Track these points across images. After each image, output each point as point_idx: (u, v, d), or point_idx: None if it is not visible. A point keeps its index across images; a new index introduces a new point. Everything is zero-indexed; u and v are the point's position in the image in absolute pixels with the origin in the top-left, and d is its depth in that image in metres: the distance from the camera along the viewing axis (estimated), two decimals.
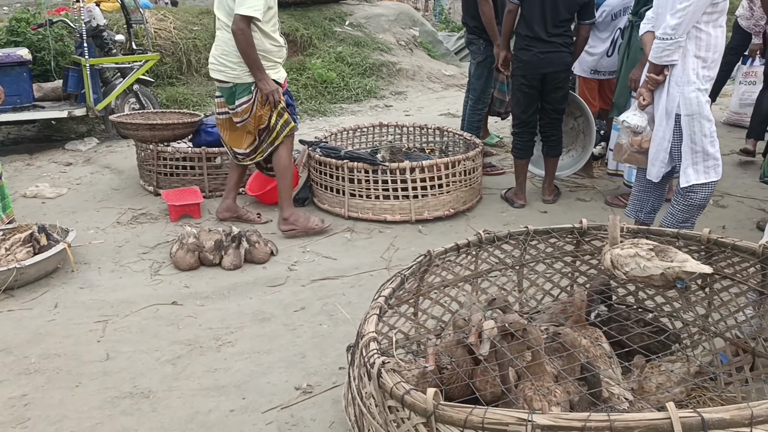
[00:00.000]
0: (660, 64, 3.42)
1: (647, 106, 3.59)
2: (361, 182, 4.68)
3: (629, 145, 3.70)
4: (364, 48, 10.05)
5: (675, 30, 3.29)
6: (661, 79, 3.47)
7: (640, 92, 3.59)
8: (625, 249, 2.51)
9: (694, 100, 3.39)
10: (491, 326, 2.07)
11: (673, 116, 3.46)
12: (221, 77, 4.24)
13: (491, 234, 2.85)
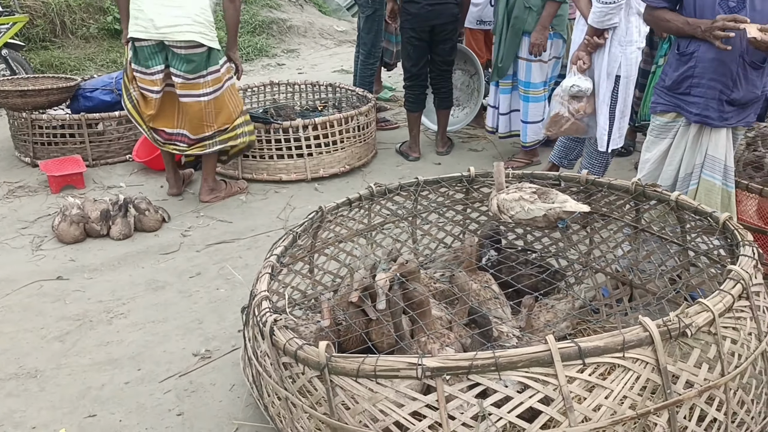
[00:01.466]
0: (602, 28, 3.40)
1: (587, 69, 3.55)
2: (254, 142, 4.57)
3: (571, 113, 3.60)
4: (252, 5, 9.74)
5: None
6: (602, 42, 3.45)
7: (579, 55, 3.53)
8: (510, 194, 2.58)
9: (633, 60, 3.45)
10: (383, 279, 2.09)
11: (613, 78, 3.48)
12: (198, 39, 3.78)
13: (382, 187, 2.86)
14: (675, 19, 2.62)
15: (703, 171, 2.73)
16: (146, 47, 3.83)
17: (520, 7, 4.24)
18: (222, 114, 4.04)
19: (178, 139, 4.08)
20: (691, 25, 2.55)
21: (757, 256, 1.98)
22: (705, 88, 2.60)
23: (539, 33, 4.24)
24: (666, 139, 2.81)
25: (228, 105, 4.07)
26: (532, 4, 4.21)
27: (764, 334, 1.87)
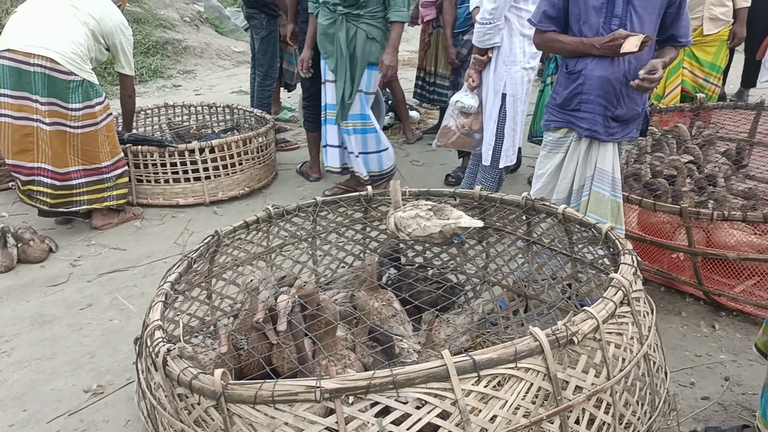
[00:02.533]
0: (483, 47, 3.51)
1: (477, 87, 3.65)
2: (149, 166, 4.44)
3: (459, 127, 3.70)
4: (145, 25, 9.47)
5: (492, 14, 3.38)
6: (486, 59, 3.55)
7: (469, 74, 3.63)
8: (407, 211, 2.62)
9: (519, 80, 3.56)
10: (284, 301, 2.06)
11: (500, 95, 3.58)
12: (72, 68, 3.78)
13: (280, 209, 2.84)
14: (569, 41, 2.78)
15: (594, 183, 2.89)
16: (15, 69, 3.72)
17: (362, 40, 4.19)
18: (89, 153, 3.96)
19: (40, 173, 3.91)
20: (586, 44, 2.71)
21: (636, 264, 2.10)
22: (593, 104, 2.77)
23: (392, 55, 4.22)
24: (559, 153, 2.96)
25: (99, 146, 3.98)
26: (375, 36, 4.19)
27: (645, 337, 1.97)
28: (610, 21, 2.68)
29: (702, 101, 4.33)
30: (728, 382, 2.62)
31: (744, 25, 4.75)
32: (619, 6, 2.65)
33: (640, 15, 2.66)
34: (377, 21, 4.18)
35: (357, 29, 4.17)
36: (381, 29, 4.21)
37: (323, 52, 4.35)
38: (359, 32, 4.17)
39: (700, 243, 3.07)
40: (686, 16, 2.79)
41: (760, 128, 4.24)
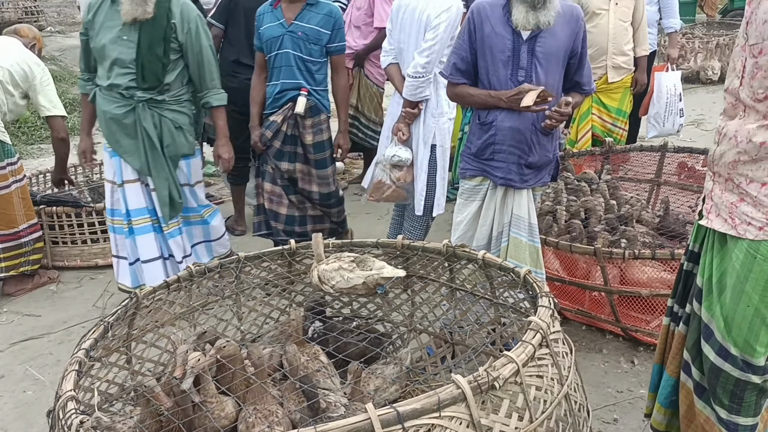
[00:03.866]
0: (415, 100, 3.58)
1: (407, 140, 3.68)
2: (64, 227, 4.30)
3: (394, 180, 3.70)
4: (62, 82, 9.28)
5: (425, 68, 3.44)
6: (417, 112, 3.62)
7: (399, 127, 3.67)
8: (330, 264, 2.63)
9: (446, 130, 3.65)
10: (196, 358, 2.02)
11: (429, 146, 3.65)
12: None
13: (202, 266, 2.79)
14: (478, 93, 2.89)
15: (511, 229, 2.99)
16: None
17: (169, 130, 3.58)
18: (6, 217, 3.81)
19: None
20: (494, 97, 2.83)
21: (554, 306, 2.16)
22: (506, 153, 2.88)
23: (226, 146, 3.87)
24: (476, 201, 3.05)
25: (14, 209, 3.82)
26: (182, 124, 3.63)
27: (565, 377, 2.02)
28: (516, 73, 2.81)
29: (611, 145, 4.56)
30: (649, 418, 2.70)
31: (644, 72, 5.05)
32: (524, 58, 2.79)
33: (545, 66, 2.81)
34: (182, 106, 3.62)
35: (161, 118, 3.53)
36: (188, 115, 3.67)
37: (117, 148, 3.55)
38: (164, 121, 3.54)
39: (615, 281, 3.20)
40: (587, 66, 2.95)
41: (665, 169, 4.50)
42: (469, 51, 2.91)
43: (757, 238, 1.87)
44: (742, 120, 1.92)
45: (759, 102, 1.83)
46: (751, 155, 1.86)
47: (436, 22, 3.41)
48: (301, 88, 3.75)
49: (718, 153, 1.98)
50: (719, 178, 2.00)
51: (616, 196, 3.99)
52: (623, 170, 4.57)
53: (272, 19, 3.78)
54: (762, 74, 1.80)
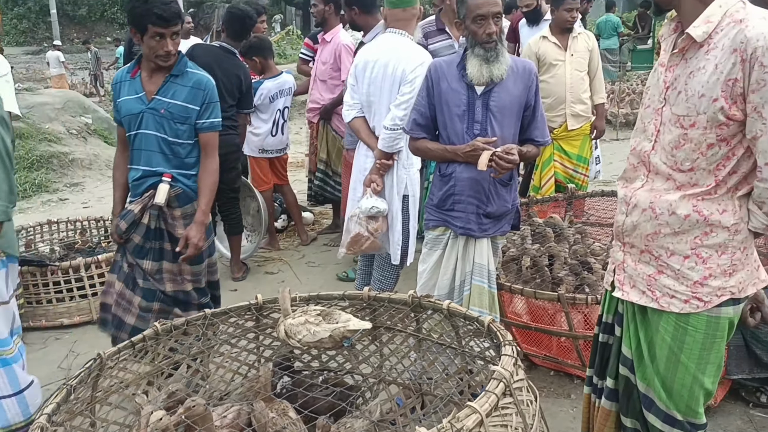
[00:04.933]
0: (391, 152, 3.64)
1: (381, 191, 3.73)
2: (29, 288, 4.24)
3: (371, 232, 3.71)
4: (29, 140, 9.25)
5: (403, 120, 3.49)
6: (392, 163, 3.68)
7: (373, 178, 3.71)
8: (296, 318, 2.63)
9: (416, 180, 3.73)
10: (158, 418, 2.00)
11: (401, 196, 3.72)
12: None
13: (167, 324, 2.78)
14: (437, 147, 3.00)
15: (473, 277, 3.04)
16: None
17: None
18: None
19: None
20: (450, 152, 2.93)
21: (517, 354, 2.19)
22: (465, 204, 2.96)
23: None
24: (438, 250, 3.12)
25: None
26: None
27: (530, 426, 2.04)
28: (472, 126, 2.91)
29: (573, 191, 4.67)
30: None
31: (603, 119, 5.21)
32: (479, 112, 2.89)
33: (499, 119, 2.91)
34: None
35: None
36: None
37: None
38: None
39: (580, 326, 3.24)
40: (542, 118, 3.06)
41: None
42: (427, 107, 3.02)
43: (683, 311, 1.87)
44: (650, 187, 1.90)
45: (681, 172, 1.82)
46: (674, 228, 1.84)
47: (411, 76, 3.52)
48: (164, 174, 3.19)
49: (629, 224, 1.94)
50: (632, 249, 1.96)
51: (584, 243, 4.07)
52: (586, 215, 4.67)
53: (130, 90, 3.21)
54: (691, 147, 1.79)
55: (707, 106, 1.73)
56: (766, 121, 1.68)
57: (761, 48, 1.64)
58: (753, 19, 1.69)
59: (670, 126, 1.84)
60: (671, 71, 1.85)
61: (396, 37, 3.61)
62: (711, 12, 1.74)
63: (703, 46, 1.76)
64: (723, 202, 1.82)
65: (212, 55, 4.65)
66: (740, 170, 1.80)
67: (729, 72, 1.69)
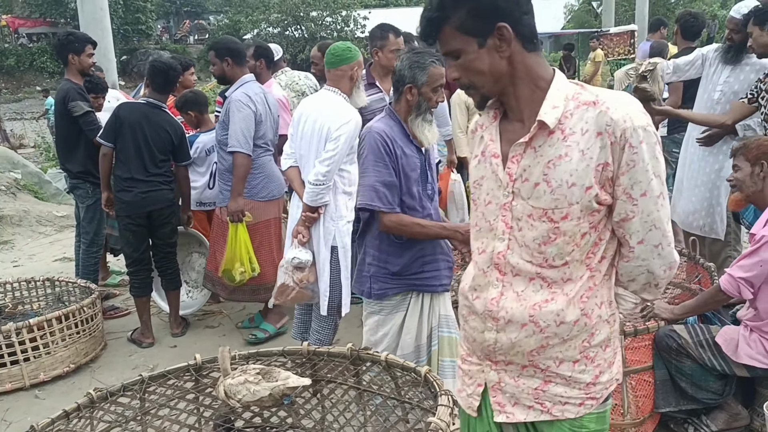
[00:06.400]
0: (316, 206, 3.70)
1: (307, 242, 3.77)
2: None
3: (296, 282, 3.74)
4: None
5: (326, 176, 3.60)
6: (317, 216, 3.74)
7: (299, 230, 3.76)
8: (236, 377, 2.64)
9: (345, 232, 3.77)
10: None
11: (329, 248, 3.76)
12: None
13: (103, 390, 2.74)
14: (431, 225, 2.89)
15: (440, 329, 3.06)
16: None
17: None
18: None
19: None
20: (449, 230, 2.88)
21: (453, 403, 2.26)
22: (437, 262, 2.99)
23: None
24: (399, 312, 3.03)
25: None
26: None
27: None
28: (425, 188, 2.97)
29: None
30: None
31: None
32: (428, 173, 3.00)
33: (436, 174, 3.01)
34: None
35: None
36: None
37: None
38: None
39: None
40: None
41: None
42: (394, 176, 2.86)
43: (579, 414, 1.73)
44: (513, 294, 1.69)
45: (553, 268, 1.66)
46: (562, 337, 1.68)
47: (336, 134, 3.60)
48: None
49: (505, 342, 1.70)
50: (510, 367, 1.73)
51: None
52: None
53: None
54: (565, 240, 1.63)
55: (580, 196, 1.59)
56: (637, 202, 1.60)
57: (629, 129, 1.56)
58: (610, 101, 1.60)
59: (531, 221, 1.64)
60: (515, 162, 1.66)
61: (329, 94, 3.72)
62: (553, 97, 1.62)
63: (554, 133, 1.61)
64: (600, 293, 1.70)
65: (139, 113, 4.66)
66: (608, 255, 1.71)
67: (598, 157, 1.58)
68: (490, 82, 1.64)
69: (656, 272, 1.69)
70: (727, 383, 3.14)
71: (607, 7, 20.01)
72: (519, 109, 1.67)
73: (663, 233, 1.65)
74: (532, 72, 1.64)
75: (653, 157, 1.59)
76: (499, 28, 1.57)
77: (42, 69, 33.49)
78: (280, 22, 27.57)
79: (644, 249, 1.66)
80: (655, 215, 1.63)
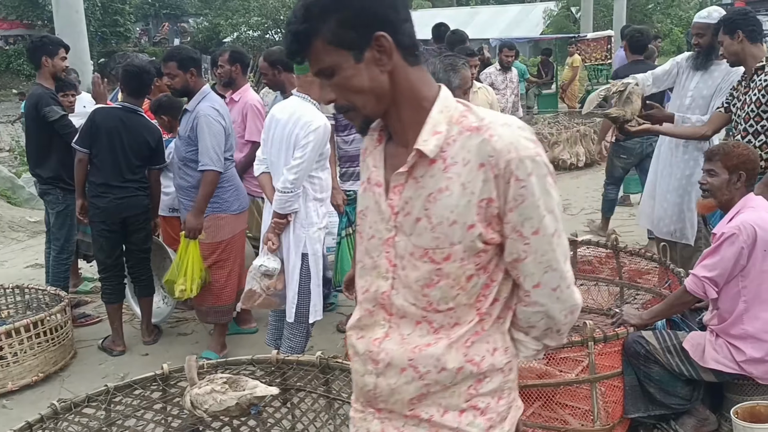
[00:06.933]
0: (284, 213, 3.67)
1: (277, 249, 3.75)
2: None
3: (264, 289, 3.74)
4: None
5: (294, 184, 3.58)
6: (286, 222, 3.71)
7: (269, 237, 3.74)
8: (202, 387, 2.62)
9: (317, 239, 3.76)
10: None
11: (300, 255, 3.74)
12: None
13: (68, 402, 2.70)
14: None
15: None
16: None
17: None
18: None
19: None
20: None
21: None
22: None
23: None
24: None
25: None
26: None
27: None
28: None
29: None
30: None
31: None
32: None
33: None
34: None
35: None
36: None
37: None
38: None
39: None
40: None
41: None
42: None
43: None
44: (398, 336, 1.49)
45: (438, 312, 1.46)
46: (445, 384, 1.48)
47: (304, 141, 3.59)
48: None
49: (384, 388, 1.51)
50: (392, 415, 1.53)
51: None
52: None
53: None
54: (449, 283, 1.44)
55: (462, 235, 1.40)
56: (529, 241, 1.41)
57: (515, 160, 1.37)
58: (495, 127, 1.40)
59: (413, 260, 1.45)
60: (397, 193, 1.46)
61: (298, 101, 3.70)
62: (435, 120, 1.43)
63: (436, 162, 1.41)
64: (492, 338, 1.50)
65: (115, 118, 4.61)
66: (501, 297, 1.50)
67: (481, 191, 1.39)
68: (373, 102, 1.44)
69: (556, 317, 1.49)
70: (695, 388, 3.17)
71: (585, 13, 20.19)
72: (403, 132, 1.47)
73: (561, 275, 1.46)
74: (416, 89, 1.45)
75: (544, 191, 1.40)
76: (377, 38, 1.38)
77: (18, 72, 33.03)
78: (260, 26, 27.45)
79: (541, 293, 1.46)
80: (550, 255, 1.43)
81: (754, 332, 2.99)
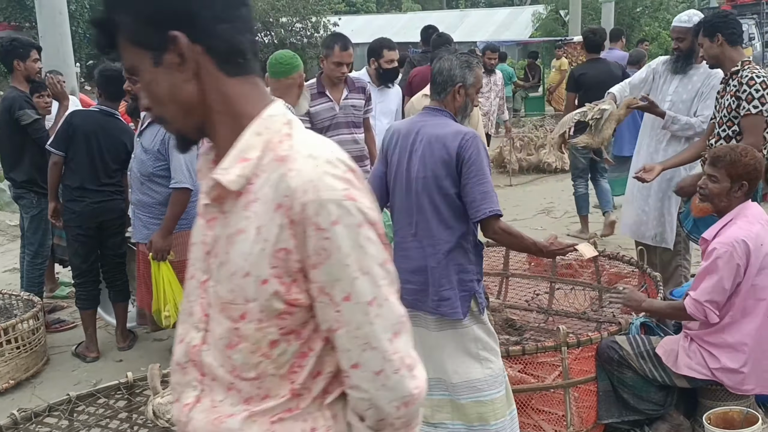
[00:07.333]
0: None
1: None
2: None
3: None
4: None
5: None
6: None
7: None
8: (165, 396, 2.56)
9: None
10: None
11: None
12: None
13: (28, 411, 2.64)
14: (526, 237, 2.79)
15: None
16: None
17: None
18: None
19: None
20: (539, 246, 2.78)
21: None
22: None
23: None
24: None
25: None
26: None
27: None
28: None
29: None
30: None
31: None
32: None
33: None
34: None
35: None
36: None
37: None
38: None
39: None
40: None
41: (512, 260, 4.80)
42: None
43: None
44: (209, 403, 1.21)
45: (245, 381, 1.18)
46: None
47: None
48: None
49: None
50: None
51: None
52: None
53: None
54: (248, 347, 1.16)
55: (256, 291, 1.13)
56: (341, 307, 1.12)
57: (312, 204, 1.09)
58: (298, 158, 1.13)
59: (217, 314, 1.19)
60: (211, 228, 1.20)
61: None
62: (247, 144, 1.15)
63: (243, 195, 1.15)
64: (311, 417, 1.19)
65: (94, 122, 4.57)
66: (325, 370, 1.20)
67: (277, 239, 1.11)
68: (179, 115, 1.18)
69: (384, 409, 1.15)
70: (669, 394, 3.15)
71: (573, 16, 20.23)
72: (223, 155, 1.18)
73: (384, 356, 1.14)
74: (232, 104, 1.17)
75: (356, 245, 1.11)
76: (171, 38, 1.12)
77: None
78: None
79: (361, 376, 1.15)
80: (366, 329, 1.13)
81: (734, 343, 2.95)
